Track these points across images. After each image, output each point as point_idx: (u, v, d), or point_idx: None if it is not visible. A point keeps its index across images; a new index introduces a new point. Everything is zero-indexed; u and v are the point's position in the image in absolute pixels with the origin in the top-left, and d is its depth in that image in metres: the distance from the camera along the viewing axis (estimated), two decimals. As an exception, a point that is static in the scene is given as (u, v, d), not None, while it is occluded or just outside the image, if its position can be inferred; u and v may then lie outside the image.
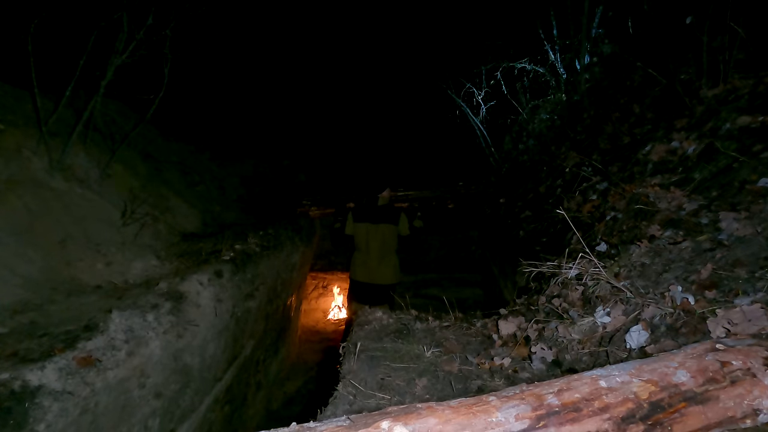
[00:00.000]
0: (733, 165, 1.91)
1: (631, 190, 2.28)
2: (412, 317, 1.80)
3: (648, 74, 3.16)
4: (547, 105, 5.08)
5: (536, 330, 1.53)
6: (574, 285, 1.62)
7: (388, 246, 3.59)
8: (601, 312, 1.39)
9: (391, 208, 3.66)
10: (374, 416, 0.63)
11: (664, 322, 1.24)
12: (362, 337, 1.59)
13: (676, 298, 1.28)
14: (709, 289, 1.28)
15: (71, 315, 1.99)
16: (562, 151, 3.98)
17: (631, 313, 1.33)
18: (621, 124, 3.24)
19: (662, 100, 2.97)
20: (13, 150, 2.64)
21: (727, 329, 1.09)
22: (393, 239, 3.61)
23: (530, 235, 3.37)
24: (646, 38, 3.59)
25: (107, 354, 1.87)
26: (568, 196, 3.01)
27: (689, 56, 2.81)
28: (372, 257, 3.56)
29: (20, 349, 1.68)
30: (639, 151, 2.64)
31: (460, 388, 1.29)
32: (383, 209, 3.60)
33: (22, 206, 2.41)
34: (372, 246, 3.54)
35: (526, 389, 0.69)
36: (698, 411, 0.67)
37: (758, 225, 1.47)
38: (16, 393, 1.52)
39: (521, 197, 4.23)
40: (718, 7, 2.46)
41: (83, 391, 1.70)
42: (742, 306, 1.12)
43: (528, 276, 2.12)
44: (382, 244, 3.56)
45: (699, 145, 2.25)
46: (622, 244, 1.86)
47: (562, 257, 1.72)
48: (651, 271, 1.52)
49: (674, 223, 1.78)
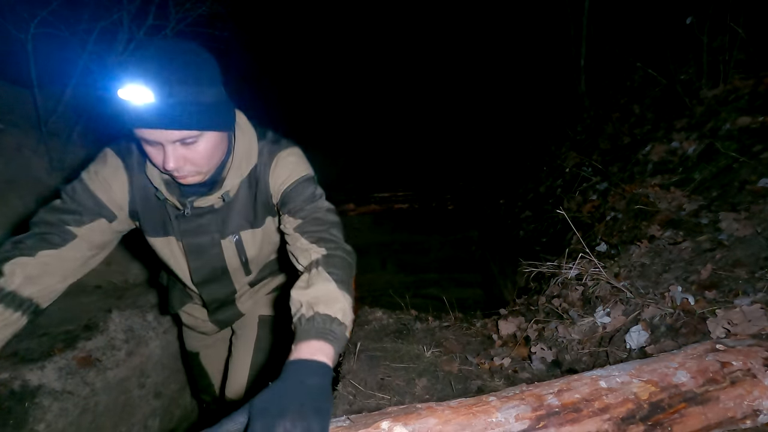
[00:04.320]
0: (733, 165, 1.91)
1: (631, 190, 2.28)
2: (412, 317, 1.80)
3: (648, 74, 3.16)
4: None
5: (536, 330, 1.53)
6: (574, 285, 1.62)
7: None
8: (601, 312, 1.39)
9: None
10: (374, 416, 0.62)
11: (664, 323, 1.24)
12: (362, 337, 1.59)
13: (676, 298, 1.28)
14: (709, 290, 1.28)
15: (71, 315, 1.99)
16: (562, 151, 3.98)
17: (631, 313, 1.33)
18: (621, 124, 3.24)
19: (662, 101, 2.97)
20: (13, 150, 2.65)
21: (727, 329, 1.09)
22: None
23: (530, 235, 3.37)
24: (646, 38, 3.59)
25: (107, 354, 1.87)
26: (568, 196, 3.01)
27: (689, 56, 2.81)
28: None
29: (20, 348, 1.68)
30: (639, 151, 2.64)
31: (460, 388, 1.29)
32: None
33: (22, 206, 2.41)
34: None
35: (526, 389, 0.69)
36: (698, 411, 0.67)
37: (758, 225, 1.47)
38: (16, 393, 1.52)
39: (521, 197, 4.23)
40: (718, 7, 2.46)
41: (83, 390, 1.70)
42: (742, 306, 1.12)
43: (528, 276, 2.12)
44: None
45: (699, 145, 2.25)
46: (622, 244, 1.86)
47: (562, 257, 1.72)
48: (651, 272, 1.52)
49: (674, 223, 1.78)
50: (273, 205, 1.11)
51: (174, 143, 0.87)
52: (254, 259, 1.20)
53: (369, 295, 4.85)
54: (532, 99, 5.75)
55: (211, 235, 1.11)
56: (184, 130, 0.86)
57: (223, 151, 0.98)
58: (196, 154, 0.90)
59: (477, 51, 7.75)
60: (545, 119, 5.10)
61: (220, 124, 0.93)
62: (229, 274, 1.22)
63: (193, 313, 1.42)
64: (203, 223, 1.08)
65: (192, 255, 1.13)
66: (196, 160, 0.91)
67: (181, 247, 1.12)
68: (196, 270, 1.16)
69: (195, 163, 0.92)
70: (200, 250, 1.12)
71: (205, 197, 1.04)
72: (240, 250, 1.15)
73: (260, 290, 1.41)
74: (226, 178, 1.03)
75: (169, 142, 0.87)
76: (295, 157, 1.09)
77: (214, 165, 0.97)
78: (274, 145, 1.08)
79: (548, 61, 5.32)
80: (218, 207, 1.07)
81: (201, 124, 0.87)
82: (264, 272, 1.34)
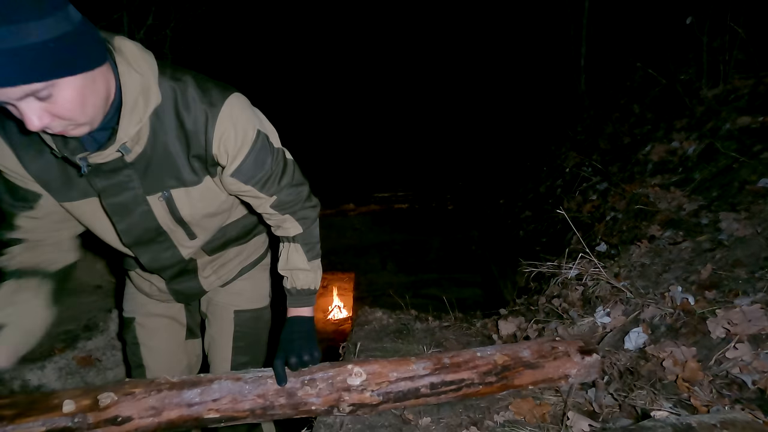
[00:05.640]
0: (733, 165, 1.91)
1: (631, 190, 2.28)
2: (412, 317, 1.80)
3: (648, 74, 3.16)
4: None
5: (536, 330, 1.53)
6: (574, 285, 1.62)
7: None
8: (601, 312, 1.39)
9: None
10: (344, 362, 1.08)
11: (664, 323, 1.24)
12: (362, 337, 1.59)
13: (676, 298, 1.29)
14: (709, 290, 1.28)
15: (71, 314, 1.99)
16: (562, 151, 3.98)
17: (631, 313, 1.33)
18: (621, 124, 3.25)
19: (662, 100, 2.97)
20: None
21: (726, 329, 1.10)
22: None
23: (530, 235, 3.37)
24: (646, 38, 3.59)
25: (107, 354, 1.87)
26: (568, 196, 3.01)
27: (689, 56, 2.82)
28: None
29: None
30: (639, 151, 2.64)
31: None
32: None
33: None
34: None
35: (431, 355, 1.12)
36: (531, 372, 1.09)
37: (758, 225, 1.47)
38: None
39: (521, 197, 4.24)
40: (718, 7, 2.46)
41: (83, 391, 1.70)
42: (742, 306, 1.12)
43: (528, 276, 2.12)
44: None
45: (699, 145, 2.26)
46: (622, 244, 1.86)
47: (562, 257, 1.72)
48: (651, 272, 1.52)
49: (674, 223, 1.78)
50: (216, 165, 0.96)
51: (23, 99, 0.67)
52: (193, 219, 1.03)
53: (369, 294, 4.86)
54: (532, 99, 5.75)
55: (134, 191, 0.93)
56: (18, 86, 0.64)
57: (104, 93, 0.77)
58: (58, 107, 0.70)
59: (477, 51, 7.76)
60: (545, 119, 5.10)
61: (75, 64, 0.69)
62: (167, 234, 1.03)
63: (150, 279, 1.22)
64: (122, 179, 0.91)
65: (116, 216, 0.96)
66: (62, 113, 0.71)
67: (103, 207, 0.95)
68: (125, 231, 0.99)
69: (63, 116, 0.72)
70: (124, 209, 0.95)
71: (99, 152, 0.83)
72: (171, 207, 0.98)
73: (225, 264, 1.24)
74: (119, 127, 0.81)
75: (14, 99, 0.66)
76: (239, 110, 0.91)
77: (96, 112, 0.77)
78: (204, 94, 0.88)
79: (548, 61, 5.32)
80: (133, 160, 0.88)
81: (39, 72, 0.65)
82: (219, 239, 1.17)
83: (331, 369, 1.05)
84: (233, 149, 0.92)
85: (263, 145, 0.96)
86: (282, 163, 1.02)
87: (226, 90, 0.90)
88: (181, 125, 0.88)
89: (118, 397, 0.93)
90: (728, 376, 1.02)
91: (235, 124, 0.90)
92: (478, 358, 1.09)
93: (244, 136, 0.92)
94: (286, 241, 1.12)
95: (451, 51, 8.30)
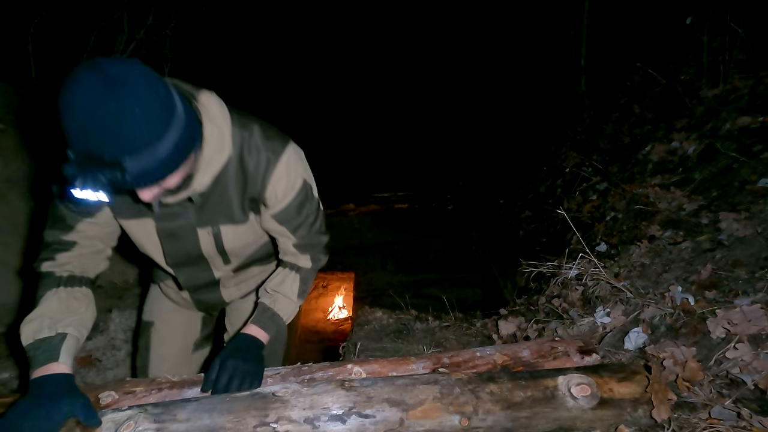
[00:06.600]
0: (733, 165, 1.91)
1: (631, 190, 2.28)
2: (412, 317, 1.80)
3: (648, 74, 3.16)
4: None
5: (536, 330, 1.53)
6: (574, 285, 1.62)
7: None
8: (601, 312, 1.39)
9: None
10: (344, 362, 1.10)
11: (664, 323, 1.24)
12: (362, 337, 1.59)
13: (676, 298, 1.29)
14: (709, 290, 1.28)
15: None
16: (562, 151, 3.98)
17: (631, 313, 1.33)
18: (621, 124, 3.25)
19: (662, 101, 2.97)
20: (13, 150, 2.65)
21: (726, 329, 1.09)
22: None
23: (530, 235, 3.37)
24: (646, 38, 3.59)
25: (107, 354, 1.88)
26: (568, 196, 3.01)
27: (689, 56, 2.82)
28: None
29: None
30: (639, 151, 2.64)
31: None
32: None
33: (23, 206, 2.41)
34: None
35: (431, 355, 1.14)
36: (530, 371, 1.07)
37: (758, 225, 1.47)
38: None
39: (521, 197, 4.24)
40: (718, 7, 2.46)
41: (83, 390, 1.70)
42: (742, 306, 1.12)
43: (528, 276, 2.12)
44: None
45: (699, 145, 2.26)
46: (622, 244, 1.86)
47: (562, 257, 1.72)
48: (651, 272, 1.52)
49: (674, 223, 1.78)
50: (262, 206, 1.04)
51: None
52: (233, 250, 1.13)
53: (369, 295, 4.86)
54: (532, 99, 5.75)
55: (188, 221, 1.02)
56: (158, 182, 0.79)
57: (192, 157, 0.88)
58: (167, 183, 0.82)
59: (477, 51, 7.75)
60: (545, 119, 5.10)
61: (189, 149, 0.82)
62: (206, 260, 1.14)
63: (176, 287, 1.31)
64: (179, 210, 1.00)
65: (166, 239, 1.06)
66: (170, 186, 0.84)
67: (156, 229, 1.04)
68: (170, 253, 1.09)
69: (170, 188, 0.85)
70: (174, 235, 1.05)
71: (173, 196, 0.92)
72: (218, 241, 1.08)
73: (247, 280, 1.33)
74: (195, 176, 0.90)
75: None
76: (294, 160, 1.01)
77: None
78: (268, 142, 0.97)
79: (548, 62, 5.32)
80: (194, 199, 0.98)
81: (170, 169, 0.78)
82: (247, 261, 1.25)
83: (331, 368, 1.06)
84: (282, 194, 1.01)
85: (306, 195, 1.05)
86: (316, 212, 1.11)
87: (286, 140, 1.01)
88: (243, 168, 0.97)
89: (119, 395, 0.94)
90: (728, 376, 1.02)
91: (289, 172, 0.99)
92: (478, 357, 1.11)
93: (294, 184, 1.01)
94: (290, 269, 1.17)
95: (452, 51, 8.30)
